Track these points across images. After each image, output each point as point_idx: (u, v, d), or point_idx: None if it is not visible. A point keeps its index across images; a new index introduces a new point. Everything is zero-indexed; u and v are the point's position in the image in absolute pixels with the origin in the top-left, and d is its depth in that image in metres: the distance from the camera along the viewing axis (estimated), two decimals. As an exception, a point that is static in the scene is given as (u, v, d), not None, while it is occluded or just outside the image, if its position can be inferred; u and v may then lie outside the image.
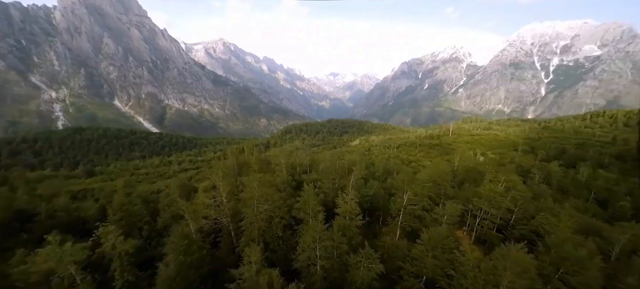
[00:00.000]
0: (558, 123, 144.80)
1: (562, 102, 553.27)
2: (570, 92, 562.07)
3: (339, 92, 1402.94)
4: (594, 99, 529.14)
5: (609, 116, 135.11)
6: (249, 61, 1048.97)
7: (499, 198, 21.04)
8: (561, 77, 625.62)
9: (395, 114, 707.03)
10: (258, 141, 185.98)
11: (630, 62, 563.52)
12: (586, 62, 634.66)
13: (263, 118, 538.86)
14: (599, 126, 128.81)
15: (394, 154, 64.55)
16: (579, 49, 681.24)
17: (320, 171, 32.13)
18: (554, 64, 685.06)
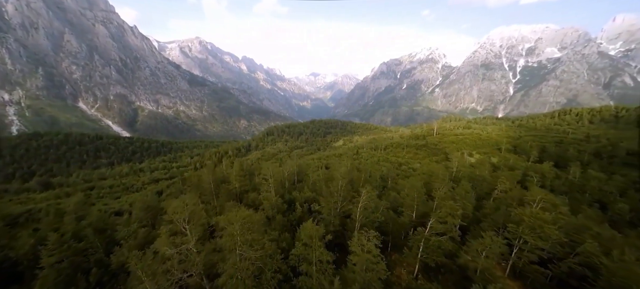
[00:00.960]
0: (530, 121, 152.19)
1: (528, 101, 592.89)
2: (535, 91, 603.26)
3: (320, 92, 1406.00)
4: (556, 98, 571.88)
5: (575, 113, 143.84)
6: (228, 61, 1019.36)
7: (547, 228, 16.38)
8: (527, 78, 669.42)
9: (375, 114, 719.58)
10: (238, 144, 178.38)
11: (586, 63, 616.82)
12: (548, 63, 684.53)
13: (243, 119, 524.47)
14: (567, 123, 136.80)
15: (382, 156, 62.89)
16: (542, 51, 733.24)
17: (312, 183, 28.73)
18: (520, 65, 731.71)
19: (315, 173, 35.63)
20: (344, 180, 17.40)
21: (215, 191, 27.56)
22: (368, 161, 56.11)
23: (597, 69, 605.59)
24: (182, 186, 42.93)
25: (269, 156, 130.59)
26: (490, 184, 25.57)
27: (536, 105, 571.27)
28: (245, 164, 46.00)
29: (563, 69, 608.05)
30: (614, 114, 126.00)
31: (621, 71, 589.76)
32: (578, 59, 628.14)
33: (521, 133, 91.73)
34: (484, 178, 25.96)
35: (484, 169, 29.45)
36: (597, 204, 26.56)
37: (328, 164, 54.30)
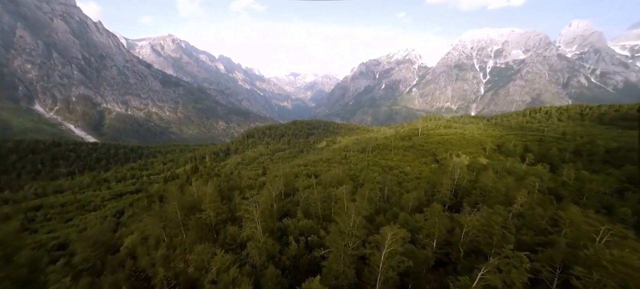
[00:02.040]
0: (504, 119, 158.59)
1: (498, 100, 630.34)
2: (503, 90, 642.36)
3: (300, 92, 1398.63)
4: (522, 97, 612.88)
5: (544, 111, 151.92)
6: (203, 60, 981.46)
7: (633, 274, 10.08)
8: (496, 78, 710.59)
9: (356, 113, 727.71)
10: (217, 147, 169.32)
11: (547, 65, 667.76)
12: (514, 64, 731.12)
13: (221, 121, 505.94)
14: (538, 121, 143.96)
15: (371, 159, 60.63)
16: (509, 53, 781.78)
17: (304, 202, 24.68)
18: (489, 66, 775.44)
19: (305, 186, 31.84)
20: (358, 215, 13.61)
21: (184, 221, 22.42)
22: (358, 166, 53.46)
23: (557, 70, 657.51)
24: (147, 205, 36.84)
25: (249, 160, 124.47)
26: (504, 196, 23.67)
27: (505, 103, 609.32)
28: (223, 179, 40.49)
29: (527, 69, 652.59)
30: (579, 112, 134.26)
31: (577, 72, 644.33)
32: (540, 61, 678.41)
33: (501, 132, 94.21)
34: (497, 189, 23.84)
35: (487, 175, 27.68)
36: (604, 210, 25.75)
37: (317, 171, 50.78)
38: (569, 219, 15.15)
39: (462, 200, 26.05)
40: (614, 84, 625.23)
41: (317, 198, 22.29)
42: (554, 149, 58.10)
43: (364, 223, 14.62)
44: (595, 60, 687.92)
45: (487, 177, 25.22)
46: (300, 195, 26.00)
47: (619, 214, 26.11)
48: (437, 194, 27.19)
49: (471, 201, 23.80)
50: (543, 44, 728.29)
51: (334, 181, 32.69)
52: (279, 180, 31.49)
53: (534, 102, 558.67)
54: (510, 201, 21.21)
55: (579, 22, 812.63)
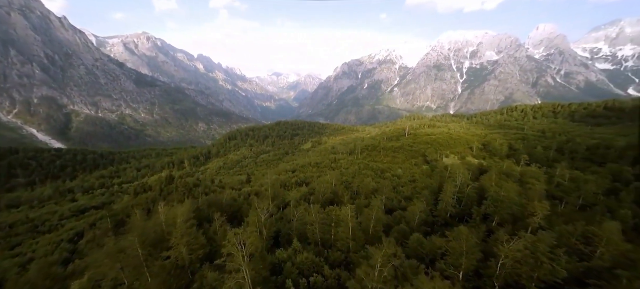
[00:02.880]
0: (484, 118, 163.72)
1: (474, 98, 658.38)
2: (479, 90, 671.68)
3: (283, 92, 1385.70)
4: (496, 95, 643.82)
5: (520, 110, 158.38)
6: (181, 59, 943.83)
7: None
8: (472, 78, 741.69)
9: (340, 113, 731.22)
10: (196, 150, 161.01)
11: (518, 66, 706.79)
12: (488, 65, 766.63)
13: (201, 122, 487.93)
14: (515, 119, 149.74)
15: (361, 162, 58.65)
16: (483, 54, 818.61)
17: (299, 221, 21.37)
18: (466, 67, 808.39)
19: (297, 198, 28.77)
20: (386, 264, 10.72)
21: (148, 260, 17.52)
22: (349, 171, 51.16)
23: (527, 70, 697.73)
24: (111, 226, 31.32)
25: (232, 163, 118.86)
26: (519, 206, 22.28)
27: (480, 102, 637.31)
28: (201, 193, 36.16)
29: (500, 70, 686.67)
30: (552, 110, 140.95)
31: (544, 72, 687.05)
32: (511, 62, 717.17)
33: (484, 130, 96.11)
34: (510, 198, 22.07)
35: (489, 179, 26.33)
36: (609, 214, 25.22)
37: (307, 178, 47.67)
38: (605, 236, 13.69)
39: (469, 210, 24.46)
40: (577, 84, 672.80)
41: (314, 220, 19.33)
42: (538, 147, 59.29)
43: (392, 272, 11.72)
44: (559, 62, 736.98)
45: (487, 179, 23.88)
46: (293, 212, 22.79)
47: (619, 216, 25.58)
48: (441, 204, 25.42)
49: (482, 212, 22.17)
50: (514, 46, 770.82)
51: (327, 191, 30.02)
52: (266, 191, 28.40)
53: (506, 100, 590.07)
54: (527, 212, 19.71)
55: (545, 25, 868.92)
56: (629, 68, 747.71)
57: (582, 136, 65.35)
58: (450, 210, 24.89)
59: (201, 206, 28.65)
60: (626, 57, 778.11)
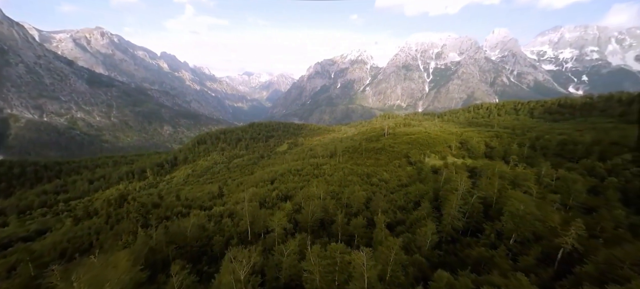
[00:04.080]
0: (454, 116, 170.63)
1: (440, 97, 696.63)
2: (444, 89, 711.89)
3: (255, 93, 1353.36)
4: (459, 94, 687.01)
5: (485, 108, 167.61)
6: (142, 57, 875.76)
7: None
8: (438, 78, 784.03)
9: (314, 113, 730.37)
10: (161, 156, 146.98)
11: (477, 66, 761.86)
12: (452, 66, 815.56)
13: (167, 125, 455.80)
14: (481, 116, 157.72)
15: (345, 166, 55.33)
16: (447, 56, 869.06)
17: (288, 268, 16.08)
18: (432, 67, 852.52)
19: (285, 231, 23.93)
20: None
21: None
22: (334, 178, 47.49)
23: (485, 71, 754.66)
24: (33, 276, 21.72)
25: (202, 170, 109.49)
26: (542, 222, 19.09)
27: (446, 100, 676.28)
28: (157, 222, 28.42)
29: (463, 70, 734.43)
30: (513, 108, 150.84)
31: (500, 73, 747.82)
32: (472, 63, 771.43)
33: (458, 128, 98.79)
34: (531, 213, 19.83)
35: (491, 186, 24.62)
36: (593, 212, 24.66)
37: (289, 191, 42.69)
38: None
39: (476, 223, 22.32)
40: (528, 83, 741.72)
41: (314, 268, 14.82)
42: (514, 145, 61.19)
43: None
44: (513, 63, 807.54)
45: (490, 184, 21.96)
46: (281, 250, 17.85)
47: (614, 216, 25.08)
48: (446, 218, 22.98)
49: (498, 228, 19.88)
50: (474, 48, 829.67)
51: (316, 209, 26.15)
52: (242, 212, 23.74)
53: (469, 98, 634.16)
54: (551, 229, 17.67)
55: (500, 30, 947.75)
56: (568, 69, 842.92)
57: (550, 133, 69.05)
58: (460, 226, 22.55)
59: (157, 245, 22.39)
60: (566, 60, 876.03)
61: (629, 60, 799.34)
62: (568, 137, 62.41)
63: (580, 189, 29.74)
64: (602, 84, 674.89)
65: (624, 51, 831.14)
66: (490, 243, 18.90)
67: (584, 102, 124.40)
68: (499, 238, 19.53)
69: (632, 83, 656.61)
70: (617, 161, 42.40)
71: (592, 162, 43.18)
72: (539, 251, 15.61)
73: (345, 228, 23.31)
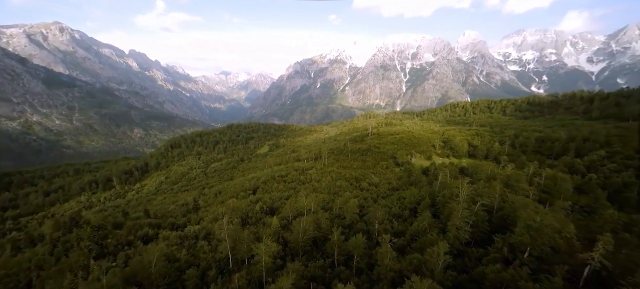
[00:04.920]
0: (432, 114, 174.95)
1: (417, 96, 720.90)
2: (420, 88, 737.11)
3: (233, 93, 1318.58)
4: (434, 93, 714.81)
5: (461, 106, 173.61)
6: (108, 55, 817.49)
7: None
8: (414, 77, 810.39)
9: (294, 113, 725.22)
10: (130, 163, 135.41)
11: (450, 67, 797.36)
12: (427, 66, 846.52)
13: (138, 128, 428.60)
14: (458, 115, 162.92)
15: (333, 171, 52.48)
16: (422, 56, 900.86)
17: None
18: (408, 67, 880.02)
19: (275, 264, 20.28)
20: None
21: None
22: (322, 184, 44.56)
23: (457, 71, 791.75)
24: None
25: (176, 177, 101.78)
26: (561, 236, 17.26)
27: (422, 99, 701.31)
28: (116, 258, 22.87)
29: (437, 70, 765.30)
30: (487, 106, 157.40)
31: (471, 73, 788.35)
32: (445, 63, 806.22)
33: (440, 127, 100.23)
34: (550, 225, 16.78)
35: (492, 190, 23.36)
36: (585, 211, 24.43)
37: (274, 201, 38.86)
38: None
39: (482, 233, 20.73)
40: (495, 82, 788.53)
41: None
42: (496, 143, 62.48)
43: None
44: (482, 64, 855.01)
45: (491, 190, 20.63)
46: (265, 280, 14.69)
47: (605, 216, 24.84)
48: (450, 229, 21.16)
49: (513, 242, 18.09)
50: (446, 49, 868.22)
51: (309, 226, 23.14)
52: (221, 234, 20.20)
53: (443, 97, 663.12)
54: (567, 241, 16.35)
55: (470, 32, 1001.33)
56: (531, 69, 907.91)
57: (527, 130, 71.62)
58: (463, 236, 20.89)
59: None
60: (529, 61, 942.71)
61: (582, 62, 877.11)
62: (544, 134, 64.80)
63: (570, 188, 29.69)
64: (560, 84, 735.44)
65: (577, 53, 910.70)
66: (502, 258, 17.36)
67: (551, 101, 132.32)
68: (511, 251, 18.03)
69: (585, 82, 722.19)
70: (594, 157, 43.88)
71: (572, 159, 44.42)
72: (565, 270, 14.18)
73: (343, 246, 20.80)
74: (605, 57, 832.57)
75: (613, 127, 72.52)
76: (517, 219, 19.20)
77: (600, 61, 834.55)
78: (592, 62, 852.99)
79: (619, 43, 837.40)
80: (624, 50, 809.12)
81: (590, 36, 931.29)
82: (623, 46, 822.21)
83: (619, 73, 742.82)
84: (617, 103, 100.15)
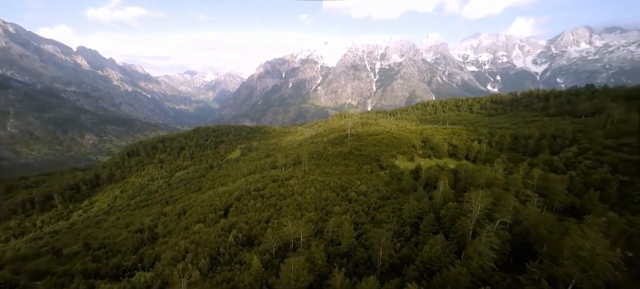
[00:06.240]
0: (405, 113, 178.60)
1: (386, 96, 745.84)
2: (389, 88, 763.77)
3: (200, 93, 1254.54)
4: (403, 92, 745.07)
5: (431, 105, 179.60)
6: (52, 52, 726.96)
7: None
8: (383, 77, 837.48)
9: (266, 113, 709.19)
10: (76, 176, 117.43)
11: (416, 67, 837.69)
12: (395, 66, 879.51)
13: (89, 134, 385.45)
14: (429, 113, 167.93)
15: (316, 178, 47.67)
16: (390, 57, 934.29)
17: None
18: (377, 67, 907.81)
19: None
20: None
21: None
22: (307, 198, 39.32)
23: (423, 71, 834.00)
24: None
25: (134, 191, 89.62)
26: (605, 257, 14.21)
27: (391, 98, 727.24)
28: None
29: (404, 71, 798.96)
30: (455, 105, 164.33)
31: (435, 73, 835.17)
32: (412, 64, 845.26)
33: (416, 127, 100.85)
34: (606, 256, 13.82)
35: (507, 202, 21.01)
36: (577, 213, 23.30)
37: (253, 229, 31.91)
38: None
39: (513, 260, 18.03)
40: (456, 82, 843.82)
41: None
42: (474, 142, 63.07)
43: None
44: (444, 64, 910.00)
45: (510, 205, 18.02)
46: None
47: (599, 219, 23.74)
48: (474, 257, 17.94)
49: (557, 275, 15.13)
50: (412, 51, 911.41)
51: (302, 270, 17.94)
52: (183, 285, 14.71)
53: (411, 96, 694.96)
54: (615, 266, 13.84)
55: (433, 34, 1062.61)
56: (486, 70, 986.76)
57: (501, 128, 74.02)
58: (487, 264, 17.83)
59: None
60: (484, 62, 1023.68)
61: (528, 64, 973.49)
62: (517, 131, 66.97)
63: (562, 190, 28.90)
64: (511, 83, 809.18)
65: (524, 56, 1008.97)
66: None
67: (511, 99, 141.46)
68: (550, 282, 15.30)
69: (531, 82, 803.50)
70: (569, 154, 45.00)
71: (549, 157, 45.18)
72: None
73: (347, 288, 16.67)
74: (546, 60, 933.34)
75: (570, 123, 78.02)
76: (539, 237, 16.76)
77: (543, 63, 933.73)
78: (536, 63, 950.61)
79: (558, 47, 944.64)
80: (561, 54, 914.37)
81: (534, 41, 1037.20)
82: (560, 50, 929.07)
83: (558, 73, 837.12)
84: (569, 100, 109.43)
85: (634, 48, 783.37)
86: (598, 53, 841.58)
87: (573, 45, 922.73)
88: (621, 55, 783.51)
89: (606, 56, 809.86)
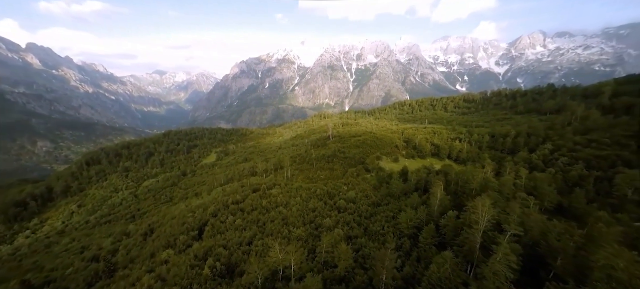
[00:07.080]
0: (383, 113, 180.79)
1: (363, 95, 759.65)
2: (366, 87, 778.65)
3: (171, 94, 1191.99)
4: (379, 92, 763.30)
5: (408, 104, 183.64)
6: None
7: None
8: (360, 77, 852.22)
9: (243, 114, 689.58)
10: (24, 191, 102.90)
11: (391, 67, 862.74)
12: (371, 67, 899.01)
13: (42, 140, 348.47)
14: (406, 112, 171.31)
15: (303, 186, 44.23)
16: (366, 57, 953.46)
17: None
18: (354, 68, 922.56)
19: None
20: None
21: None
22: (293, 211, 35.51)
23: (397, 71, 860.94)
24: None
25: (94, 205, 79.98)
26: None
27: (368, 98, 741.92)
28: None
29: (380, 71, 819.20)
30: (430, 104, 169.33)
31: (408, 73, 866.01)
32: (386, 64, 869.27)
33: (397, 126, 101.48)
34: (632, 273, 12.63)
35: (512, 211, 19.74)
36: (569, 213, 23.13)
37: (231, 259, 26.84)
38: None
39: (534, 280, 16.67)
40: (429, 82, 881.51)
41: None
42: (456, 141, 63.90)
43: None
44: (417, 65, 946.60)
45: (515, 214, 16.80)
46: None
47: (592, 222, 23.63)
48: (489, 276, 16.27)
49: None
50: (387, 51, 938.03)
51: None
52: None
53: (386, 96, 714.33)
54: None
55: (406, 36, 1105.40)
56: (455, 71, 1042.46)
57: (479, 127, 76.27)
58: (503, 285, 16.27)
59: None
60: (453, 63, 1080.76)
61: (492, 65, 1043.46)
62: (493, 130, 69.04)
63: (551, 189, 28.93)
64: (477, 83, 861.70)
65: (488, 57, 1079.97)
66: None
67: (482, 98, 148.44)
68: None
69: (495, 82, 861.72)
70: (545, 151, 46.45)
71: (528, 155, 46.35)
72: None
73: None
74: (507, 61, 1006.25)
75: (539, 121, 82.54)
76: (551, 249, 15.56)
77: (505, 64, 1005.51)
78: (499, 64, 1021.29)
79: (517, 49, 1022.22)
80: (520, 55, 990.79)
81: (496, 43, 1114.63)
82: (519, 52, 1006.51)
83: (518, 74, 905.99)
84: (534, 99, 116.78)
85: (580, 51, 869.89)
86: (551, 55, 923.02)
87: (530, 48, 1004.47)
88: (570, 57, 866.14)
89: (558, 58, 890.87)
